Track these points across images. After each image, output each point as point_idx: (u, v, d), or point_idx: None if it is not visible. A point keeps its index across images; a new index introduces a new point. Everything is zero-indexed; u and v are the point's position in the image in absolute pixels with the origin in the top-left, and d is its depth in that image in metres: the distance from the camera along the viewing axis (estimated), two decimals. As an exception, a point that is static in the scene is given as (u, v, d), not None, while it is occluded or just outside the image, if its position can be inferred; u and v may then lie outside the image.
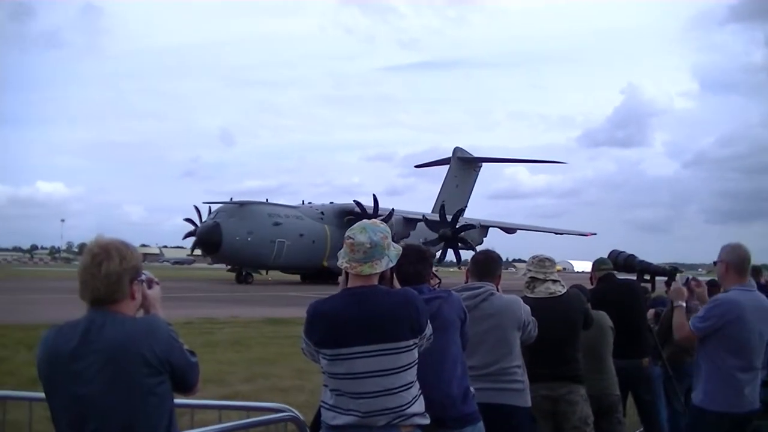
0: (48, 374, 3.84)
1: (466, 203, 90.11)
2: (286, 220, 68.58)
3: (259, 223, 65.75)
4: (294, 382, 14.54)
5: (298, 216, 71.26)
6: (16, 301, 35.80)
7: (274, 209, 69.74)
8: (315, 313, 5.03)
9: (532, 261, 7.97)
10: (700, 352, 7.19)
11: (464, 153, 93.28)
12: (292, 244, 67.59)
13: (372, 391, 4.81)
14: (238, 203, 67.65)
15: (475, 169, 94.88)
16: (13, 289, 47.19)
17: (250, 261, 66.46)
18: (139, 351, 3.78)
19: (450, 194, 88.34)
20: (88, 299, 3.89)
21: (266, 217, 67.20)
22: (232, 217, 64.86)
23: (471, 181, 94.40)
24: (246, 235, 63.99)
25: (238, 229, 63.95)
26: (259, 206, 68.70)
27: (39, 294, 41.94)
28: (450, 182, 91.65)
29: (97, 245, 3.91)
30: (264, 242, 65.50)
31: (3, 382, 12.82)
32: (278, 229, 66.93)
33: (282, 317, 28.54)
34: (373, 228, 5.03)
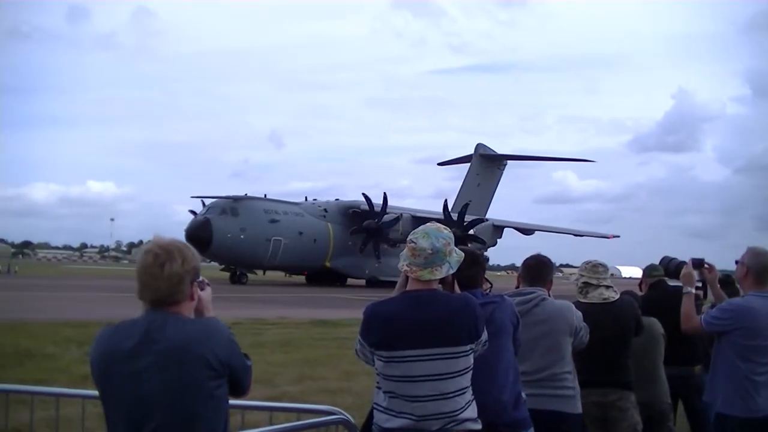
0: (104, 373, 3.84)
1: (488, 203, 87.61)
2: (283, 217, 65.46)
3: (253, 220, 62.83)
4: (342, 384, 14.56)
5: (298, 213, 68.22)
6: (66, 299, 36.18)
7: (272, 205, 66.66)
8: (372, 314, 5.02)
9: (585, 266, 7.91)
10: (715, 356, 7.16)
11: (487, 150, 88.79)
12: (290, 243, 64.63)
13: (427, 395, 4.80)
14: (232, 198, 64.53)
15: (500, 168, 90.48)
16: (63, 287, 47.67)
17: (243, 260, 63.54)
18: (200, 353, 3.79)
19: (471, 194, 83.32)
20: (148, 299, 3.88)
21: (262, 213, 64.19)
22: (224, 213, 62.03)
23: (495, 179, 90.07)
24: (239, 233, 61.03)
25: (230, 225, 61.08)
26: (254, 202, 65.54)
27: (88, 292, 42.39)
28: (471, 181, 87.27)
29: (158, 246, 3.90)
30: (258, 240, 62.44)
31: (55, 379, 13.01)
32: (275, 227, 63.99)
33: (330, 319, 28.63)
34: (437, 234, 5.01)
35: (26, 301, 34.10)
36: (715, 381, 7.12)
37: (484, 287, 5.98)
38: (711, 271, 7.85)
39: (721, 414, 6.97)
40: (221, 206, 62.59)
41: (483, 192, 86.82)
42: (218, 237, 59.91)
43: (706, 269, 7.85)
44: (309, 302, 41.58)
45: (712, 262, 7.93)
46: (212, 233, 59.62)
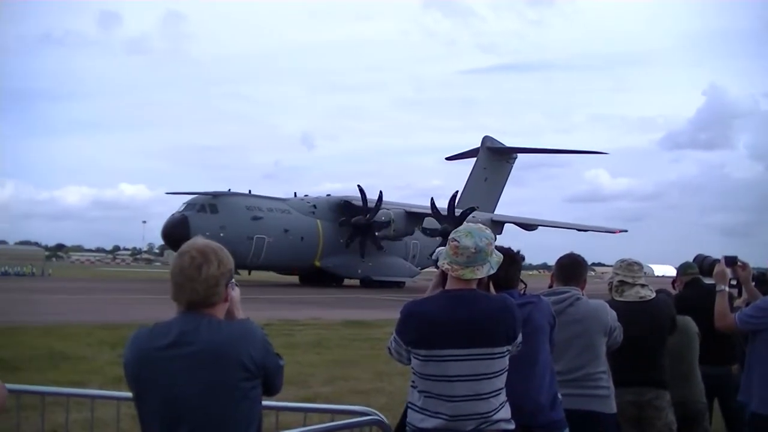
0: (139, 375, 3.86)
1: (497, 198, 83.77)
2: (267, 214, 61.60)
3: (234, 217, 59.05)
4: (374, 385, 14.55)
5: (284, 210, 64.29)
6: (99, 302, 36.41)
7: (255, 201, 62.63)
8: (411, 313, 5.01)
9: (621, 265, 7.86)
10: (749, 355, 7.10)
11: (495, 143, 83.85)
12: (274, 241, 60.68)
13: (463, 395, 4.79)
14: (212, 194, 60.57)
15: (509, 161, 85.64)
16: (96, 289, 47.96)
17: None
18: (236, 355, 3.80)
19: (478, 189, 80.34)
20: (183, 302, 3.90)
21: (243, 210, 60.41)
22: (202, 210, 58.41)
23: (503, 174, 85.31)
24: (218, 231, 55.76)
25: (208, 223, 56.58)
26: (235, 198, 61.62)
27: (121, 294, 42.66)
28: (478, 175, 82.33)
29: (194, 248, 3.94)
30: (239, 239, 57.42)
31: (89, 381, 13.08)
32: (257, 224, 60.18)
33: (362, 319, 28.62)
34: (480, 233, 5.00)
35: (60, 303, 34.35)
36: (749, 380, 7.07)
37: (519, 287, 5.96)
38: (744, 268, 7.78)
39: (755, 413, 6.91)
40: (200, 203, 59.33)
41: (491, 187, 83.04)
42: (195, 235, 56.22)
43: (739, 267, 7.79)
44: (340, 303, 41.58)
45: (746, 259, 7.87)
46: (189, 231, 54.29)
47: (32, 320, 24.46)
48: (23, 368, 14.57)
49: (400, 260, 70.64)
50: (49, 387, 8.08)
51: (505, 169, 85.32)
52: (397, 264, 69.94)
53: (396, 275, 68.94)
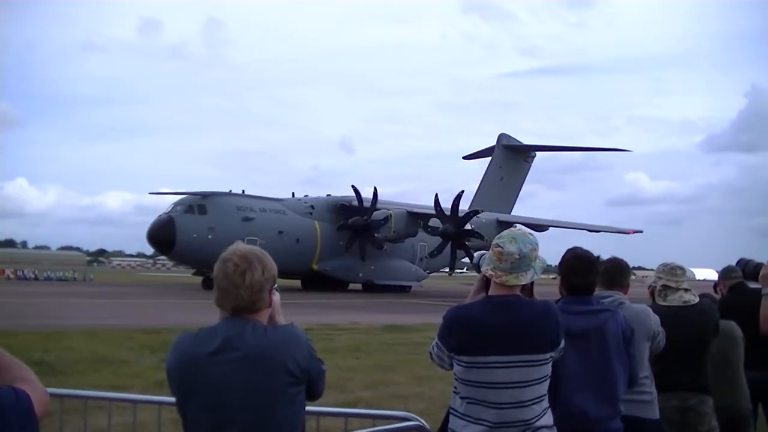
0: (183, 380, 3.87)
1: (514, 199, 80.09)
2: (260, 215, 58.39)
3: (223, 218, 55.68)
4: (414, 389, 14.52)
5: (279, 210, 60.74)
6: (140, 306, 36.67)
7: (247, 202, 59.31)
8: (454, 318, 4.97)
9: (663, 269, 7.78)
10: None
11: (511, 140, 79.54)
12: (267, 244, 52.18)
13: (507, 402, 4.76)
14: (201, 194, 57.50)
15: (527, 160, 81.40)
16: (137, 294, 48.27)
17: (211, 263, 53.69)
18: (282, 360, 3.82)
19: (494, 188, 76.73)
20: (228, 307, 3.90)
21: (234, 210, 57.20)
22: (190, 210, 55.40)
23: (521, 173, 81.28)
24: (206, 232, 53.94)
25: (196, 224, 54.37)
26: (225, 198, 58.41)
27: (161, 299, 42.89)
28: (493, 175, 78.26)
29: (238, 255, 3.93)
30: (228, 240, 50.00)
31: (130, 385, 13.15)
32: (249, 226, 56.39)
33: (401, 324, 28.57)
34: (524, 239, 4.95)
35: (102, 308, 34.65)
36: None
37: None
38: None
39: None
40: (188, 203, 56.27)
41: (507, 186, 78.87)
42: (182, 237, 53.93)
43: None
44: (379, 308, 41.57)
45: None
46: (175, 233, 53.89)
47: (75, 324, 24.67)
48: (66, 372, 14.67)
49: (405, 263, 67.13)
50: (92, 391, 8.14)
51: (522, 168, 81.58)
52: (402, 267, 66.46)
53: (401, 279, 65.75)
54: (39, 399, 2.89)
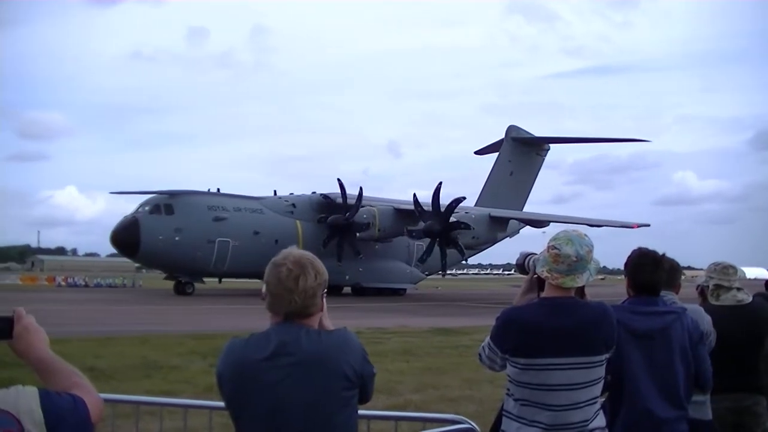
0: (237, 385, 3.87)
1: (526, 195, 74.88)
2: (233, 215, 54.31)
3: (192, 219, 52.11)
4: (463, 392, 14.47)
5: (256, 209, 56.50)
6: (188, 311, 36.92)
7: (219, 201, 55.26)
8: (509, 320, 4.95)
9: (714, 268, 7.69)
10: None
11: (520, 132, 73.69)
12: (240, 245, 53.03)
13: (562, 404, 4.73)
14: (168, 193, 54.07)
15: (539, 153, 75.75)
16: (185, 300, 48.50)
17: (180, 266, 52.38)
18: (338, 365, 3.83)
19: (503, 184, 71.50)
20: (281, 313, 3.91)
21: (204, 210, 53.25)
22: (156, 211, 51.94)
23: (533, 167, 75.69)
24: (172, 234, 50.82)
25: (162, 225, 50.97)
26: (195, 197, 54.56)
27: (209, 305, 43.07)
28: (501, 169, 72.82)
29: (291, 260, 3.95)
30: (198, 242, 51.69)
31: (181, 391, 13.21)
32: (220, 226, 52.94)
33: (450, 327, 28.53)
34: (580, 241, 4.92)
35: (151, 313, 34.93)
36: None
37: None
38: None
39: None
40: (154, 203, 52.72)
41: (517, 182, 73.05)
42: (147, 239, 50.57)
43: None
44: (428, 310, 41.54)
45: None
46: (140, 235, 50.60)
47: (125, 330, 24.90)
48: (117, 378, 14.79)
49: (399, 264, 62.35)
50: (144, 396, 8.20)
51: (534, 162, 75.70)
52: (396, 269, 61.76)
53: (394, 281, 61.07)
54: (94, 405, 2.92)
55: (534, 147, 75.13)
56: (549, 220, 65.40)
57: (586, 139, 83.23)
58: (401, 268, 62.42)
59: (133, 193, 59.71)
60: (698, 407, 6.48)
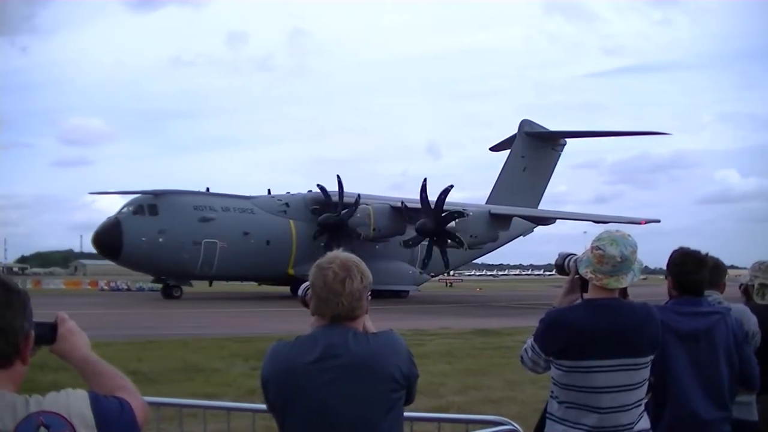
0: (282, 389, 3.88)
1: (541, 192, 71.66)
2: (221, 215, 51.81)
3: (177, 219, 49.83)
4: (505, 394, 14.41)
5: (246, 209, 54.01)
6: (230, 315, 37.15)
7: (206, 200, 52.82)
8: (554, 322, 4.92)
9: (759, 267, 7.58)
10: None
11: (534, 126, 70.09)
12: (229, 247, 50.82)
13: (608, 407, 4.70)
14: (153, 193, 51.61)
15: (555, 148, 71.93)
16: (227, 303, 48.74)
17: (165, 269, 50.41)
18: (386, 367, 3.83)
19: (516, 180, 68.09)
20: (327, 315, 3.92)
21: (190, 210, 50.86)
22: (139, 211, 49.67)
23: (548, 163, 72.07)
24: (156, 235, 48.62)
25: (145, 227, 48.73)
26: (181, 197, 52.13)
27: (251, 307, 43.27)
28: (514, 165, 69.31)
29: (336, 263, 3.94)
30: (183, 244, 49.45)
31: (223, 393, 13.28)
32: (207, 227, 50.53)
33: (492, 328, 28.47)
34: (624, 241, 4.86)
35: (193, 317, 35.15)
36: None
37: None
38: None
39: None
40: (138, 203, 50.46)
41: (532, 178, 69.46)
42: (129, 241, 48.26)
43: None
44: (470, 312, 41.49)
45: None
46: (122, 236, 48.32)
47: (167, 334, 25.02)
48: (159, 381, 14.86)
49: (401, 265, 57.93)
50: (187, 399, 8.23)
51: (550, 158, 72.07)
52: (398, 270, 57.00)
53: (395, 283, 55.48)
54: (139, 408, 2.93)
55: (549, 142, 71.53)
56: (554, 217, 64.39)
57: (602, 132, 77.64)
58: (403, 269, 58.25)
59: (114, 193, 58.73)
60: (744, 408, 6.41)
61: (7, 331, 2.68)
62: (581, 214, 66.36)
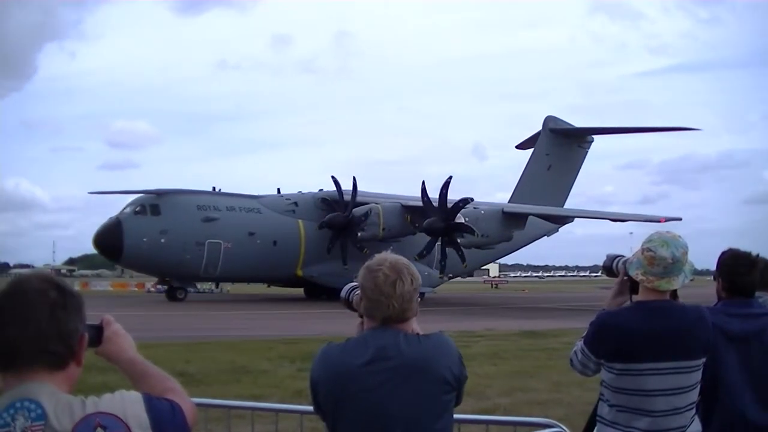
0: (334, 391, 3.87)
1: (567, 191, 68.58)
2: (225, 215, 50.34)
3: (179, 219, 48.44)
4: (552, 396, 14.35)
5: (252, 209, 52.30)
6: (276, 317, 37.34)
7: (210, 200, 51.33)
8: (605, 325, 4.89)
9: None
10: None
11: (559, 123, 66.94)
12: (234, 247, 49.39)
13: (661, 410, 4.66)
14: (156, 192, 50.29)
15: (582, 145, 68.72)
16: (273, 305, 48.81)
17: (167, 270, 49.34)
18: (438, 369, 3.83)
19: (539, 179, 65.45)
20: (379, 318, 3.92)
21: (193, 210, 49.39)
22: (141, 212, 48.33)
23: (574, 160, 68.90)
24: (157, 236, 47.34)
25: (147, 227, 47.45)
26: (183, 196, 50.60)
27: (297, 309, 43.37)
28: (538, 163, 66.54)
29: (386, 265, 3.95)
30: (186, 245, 48.08)
31: (270, 395, 13.33)
32: (211, 227, 49.19)
33: (538, 330, 28.35)
34: (675, 242, 4.81)
35: (239, 319, 35.34)
36: None
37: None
38: None
39: None
40: (140, 203, 49.15)
41: (557, 175, 66.45)
42: (130, 242, 46.99)
43: None
44: (515, 313, 41.36)
45: None
46: (123, 237, 47.08)
47: (214, 336, 25.22)
48: (207, 382, 14.94)
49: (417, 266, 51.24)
50: (235, 401, 8.28)
51: (576, 155, 68.78)
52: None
53: None
54: (189, 410, 2.95)
55: (575, 139, 68.16)
56: (572, 215, 62.38)
57: (628, 129, 75.18)
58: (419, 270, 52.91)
59: (114, 193, 58.30)
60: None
61: (64, 333, 2.72)
62: (598, 212, 64.71)
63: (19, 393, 2.61)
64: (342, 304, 4.55)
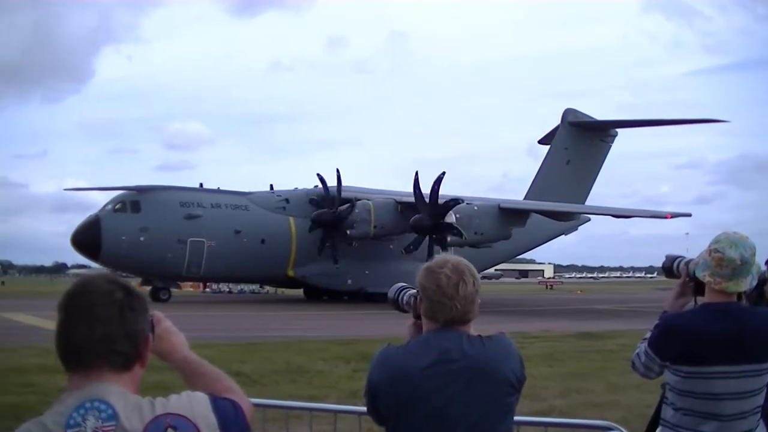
0: (396, 394, 3.82)
1: (588, 189, 65.06)
2: (210, 212, 48.28)
3: (161, 217, 46.64)
4: (609, 398, 14.24)
5: (239, 206, 50.02)
6: (329, 317, 37.49)
7: (194, 196, 49.29)
8: (671, 327, 4.81)
9: None
10: None
11: (579, 116, 63.70)
12: (218, 246, 47.40)
13: (728, 414, 4.59)
14: (137, 189, 48.45)
15: (604, 140, 65.15)
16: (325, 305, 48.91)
17: (148, 269, 47.03)
18: (501, 370, 3.80)
19: (558, 174, 62.35)
20: (441, 319, 3.87)
21: (175, 207, 47.48)
22: (121, 209, 46.67)
23: (596, 156, 65.20)
24: (137, 234, 45.50)
25: (126, 225, 45.66)
26: (166, 193, 48.69)
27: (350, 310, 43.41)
28: (557, 157, 63.22)
29: (448, 267, 3.90)
30: (166, 243, 46.24)
31: (325, 395, 13.38)
32: (193, 224, 47.29)
33: (595, 331, 28.16)
34: (744, 243, 4.72)
35: (293, 319, 35.57)
36: None
37: None
38: None
39: None
40: (120, 200, 47.50)
41: (577, 170, 62.95)
42: (108, 240, 45.23)
43: None
44: (570, 314, 41.14)
45: None
46: (101, 235, 45.34)
47: (269, 336, 25.33)
48: (263, 382, 15.02)
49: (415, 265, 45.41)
50: (293, 402, 8.31)
51: (599, 150, 65.26)
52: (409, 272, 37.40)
53: None
54: (248, 409, 2.96)
55: (596, 132, 64.66)
56: (577, 212, 58.96)
57: (655, 121, 69.24)
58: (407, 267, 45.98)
59: (91, 189, 57.01)
60: None
61: (131, 333, 2.73)
62: (600, 207, 60.04)
63: (88, 393, 2.62)
64: (390, 305, 4.51)
